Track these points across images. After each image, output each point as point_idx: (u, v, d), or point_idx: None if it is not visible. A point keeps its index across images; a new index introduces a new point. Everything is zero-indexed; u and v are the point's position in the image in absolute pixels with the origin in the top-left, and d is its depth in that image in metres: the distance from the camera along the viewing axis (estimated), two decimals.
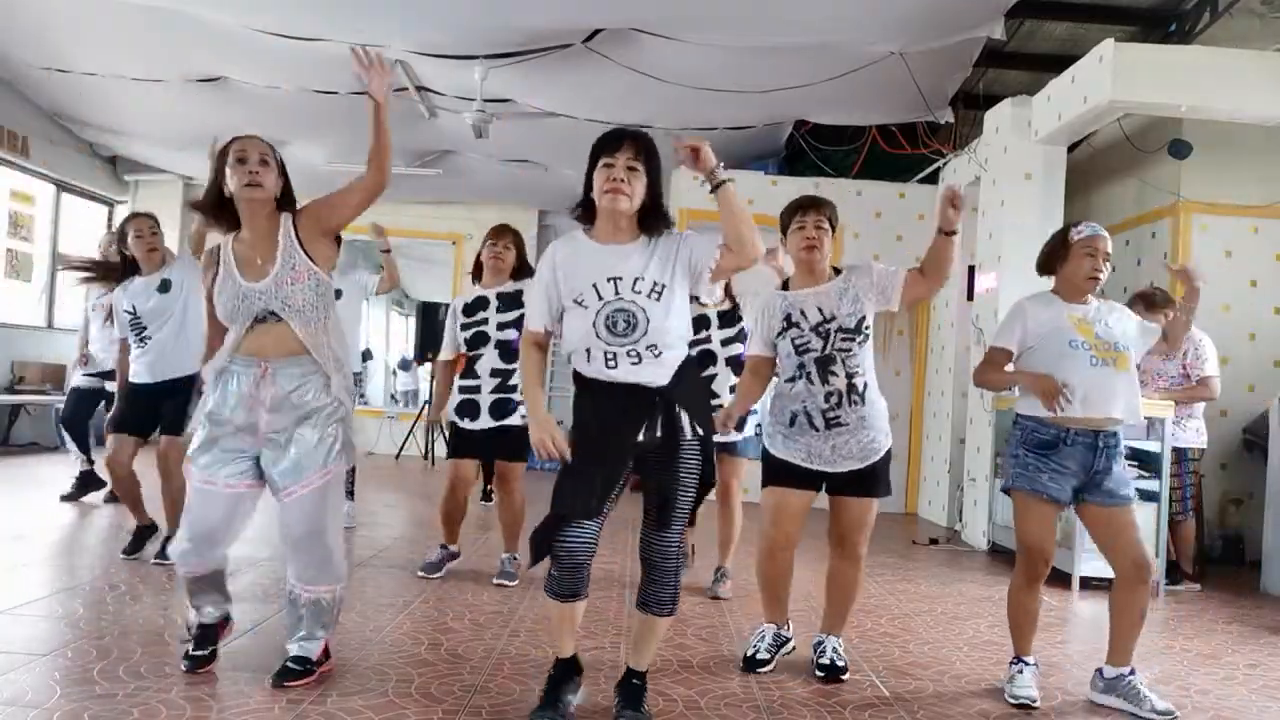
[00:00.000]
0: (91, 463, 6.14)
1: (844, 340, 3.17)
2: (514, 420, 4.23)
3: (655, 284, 2.55)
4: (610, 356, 2.54)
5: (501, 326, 4.24)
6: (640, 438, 2.55)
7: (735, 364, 4.33)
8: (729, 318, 4.42)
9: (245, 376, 2.80)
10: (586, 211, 2.66)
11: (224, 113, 7.68)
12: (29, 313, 9.21)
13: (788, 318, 3.23)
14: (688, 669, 3.26)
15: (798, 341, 3.20)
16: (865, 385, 3.19)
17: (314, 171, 8.49)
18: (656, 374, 2.56)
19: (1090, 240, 3.21)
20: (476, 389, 4.25)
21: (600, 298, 2.54)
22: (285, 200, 2.90)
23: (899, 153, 8.06)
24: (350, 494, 5.72)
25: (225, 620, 3.04)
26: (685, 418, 2.58)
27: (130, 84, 7.64)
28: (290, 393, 2.79)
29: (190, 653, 2.91)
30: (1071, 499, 3.17)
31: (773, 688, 3.13)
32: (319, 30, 6.22)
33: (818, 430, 3.18)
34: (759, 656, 3.30)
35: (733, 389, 4.30)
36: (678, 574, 2.67)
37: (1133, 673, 3.13)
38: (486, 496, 7.06)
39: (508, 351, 4.22)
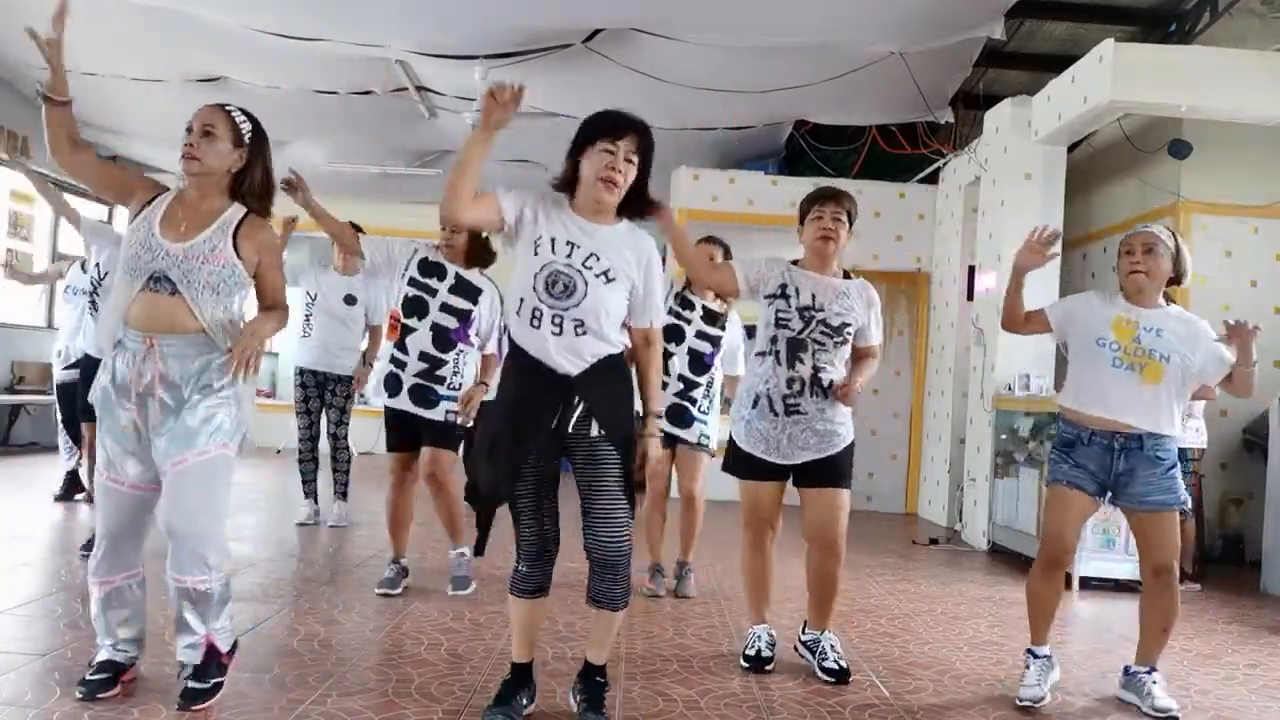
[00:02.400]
0: (79, 463, 6.08)
1: (821, 333, 3.20)
2: (436, 415, 3.98)
3: (608, 269, 2.55)
4: (537, 314, 2.53)
5: (445, 308, 3.95)
6: (553, 424, 2.54)
7: (696, 360, 4.26)
8: (712, 317, 4.33)
9: (134, 351, 2.55)
10: (566, 182, 2.61)
11: None
12: (29, 313, 9.20)
13: (783, 286, 3.26)
14: (688, 669, 3.26)
15: (780, 314, 3.23)
16: (830, 382, 3.20)
17: (314, 171, 8.46)
18: (572, 356, 2.53)
19: (1124, 240, 3.25)
20: (403, 365, 3.98)
21: (552, 252, 2.53)
22: (246, 184, 2.66)
23: (899, 153, 8.06)
24: (344, 495, 5.72)
25: (133, 663, 2.70)
26: (582, 409, 2.54)
27: (130, 84, 7.64)
28: (180, 373, 2.54)
29: (86, 677, 2.60)
30: (1099, 495, 3.18)
31: (773, 688, 3.13)
32: (319, 30, 6.22)
33: (776, 415, 3.20)
34: (761, 655, 3.30)
35: (682, 378, 4.24)
36: (627, 568, 2.61)
37: (1150, 671, 3.17)
38: None
39: (442, 338, 3.96)
